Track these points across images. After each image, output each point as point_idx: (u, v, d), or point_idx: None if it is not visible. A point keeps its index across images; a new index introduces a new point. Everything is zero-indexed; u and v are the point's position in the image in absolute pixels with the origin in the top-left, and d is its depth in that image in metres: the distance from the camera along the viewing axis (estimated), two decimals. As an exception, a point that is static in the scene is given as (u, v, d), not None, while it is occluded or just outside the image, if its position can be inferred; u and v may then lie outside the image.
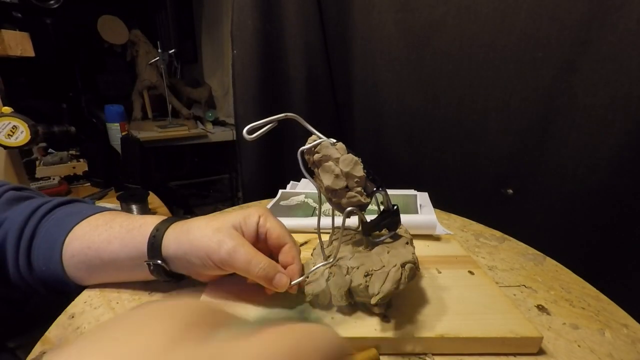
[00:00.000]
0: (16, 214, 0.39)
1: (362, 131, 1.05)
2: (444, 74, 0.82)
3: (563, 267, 0.48)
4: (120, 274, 0.39)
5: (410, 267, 0.33)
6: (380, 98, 0.96)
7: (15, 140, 0.83)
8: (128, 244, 0.36)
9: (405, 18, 0.85)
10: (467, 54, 0.77)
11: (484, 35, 0.74)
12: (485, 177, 0.81)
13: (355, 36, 0.97)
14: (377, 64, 0.94)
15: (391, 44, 0.89)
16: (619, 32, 0.58)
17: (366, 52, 0.95)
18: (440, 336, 0.31)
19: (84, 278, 0.39)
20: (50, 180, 1.25)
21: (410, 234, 0.39)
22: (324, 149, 0.32)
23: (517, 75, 0.71)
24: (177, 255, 0.35)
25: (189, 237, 0.34)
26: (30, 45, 0.83)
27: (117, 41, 2.01)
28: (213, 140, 2.06)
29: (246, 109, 1.04)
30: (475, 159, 0.82)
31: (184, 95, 2.29)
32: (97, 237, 0.37)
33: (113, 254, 0.37)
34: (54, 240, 0.38)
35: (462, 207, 0.66)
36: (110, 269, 0.38)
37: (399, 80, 0.90)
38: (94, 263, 0.37)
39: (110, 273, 0.39)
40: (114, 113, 1.75)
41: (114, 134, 1.74)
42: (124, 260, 0.37)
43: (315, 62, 1.05)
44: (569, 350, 0.32)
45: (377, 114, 0.98)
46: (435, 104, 0.86)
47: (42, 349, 0.32)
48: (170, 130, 1.90)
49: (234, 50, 1.00)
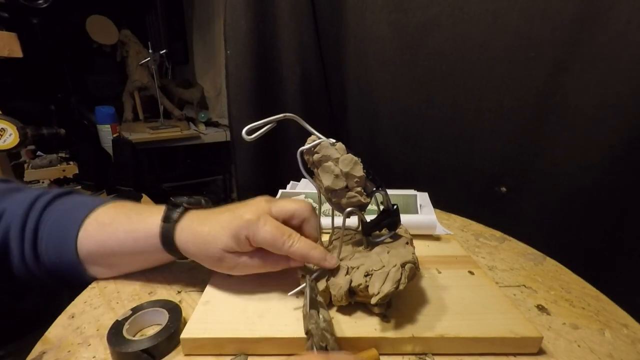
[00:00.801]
0: (15, 206, 0.39)
1: (357, 131, 1.05)
2: (438, 74, 0.82)
3: (563, 267, 0.48)
4: (143, 261, 0.41)
5: (410, 267, 0.33)
6: (374, 98, 0.96)
7: (3, 143, 0.82)
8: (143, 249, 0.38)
9: (398, 18, 0.85)
10: (461, 54, 0.77)
11: (477, 35, 0.74)
12: (479, 177, 0.82)
13: (348, 36, 0.96)
14: (370, 64, 0.94)
15: (385, 44, 0.89)
16: (609, 32, 0.58)
17: (360, 52, 0.95)
18: (440, 336, 0.31)
19: (103, 267, 0.40)
20: (40, 183, 1.24)
21: (410, 234, 0.39)
22: (324, 149, 0.32)
23: (510, 75, 0.72)
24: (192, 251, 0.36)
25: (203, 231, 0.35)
26: (18, 46, 0.83)
27: (106, 41, 1.94)
28: (206, 141, 2.05)
29: (240, 109, 1.03)
30: (470, 159, 0.82)
31: (176, 96, 2.26)
32: (107, 238, 0.38)
33: (130, 251, 0.38)
34: (65, 232, 0.38)
35: (457, 206, 0.66)
36: (129, 260, 0.40)
37: (393, 80, 0.91)
38: (111, 258, 0.39)
39: (130, 261, 0.41)
40: (105, 114, 1.73)
41: (105, 136, 1.72)
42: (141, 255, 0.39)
43: (309, 63, 1.04)
44: (569, 350, 0.33)
45: (372, 114, 0.98)
46: (430, 104, 0.86)
47: (42, 348, 0.32)
48: (162, 131, 1.88)
49: (228, 51, 0.99)
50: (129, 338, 0.30)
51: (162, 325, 0.32)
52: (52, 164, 1.32)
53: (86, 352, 0.31)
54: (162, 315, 0.33)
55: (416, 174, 0.93)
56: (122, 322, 0.32)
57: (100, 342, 0.32)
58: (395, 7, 0.85)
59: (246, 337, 0.30)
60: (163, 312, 0.33)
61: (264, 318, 0.33)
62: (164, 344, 0.30)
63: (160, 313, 0.33)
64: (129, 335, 0.31)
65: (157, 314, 0.34)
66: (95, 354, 0.31)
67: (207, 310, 0.34)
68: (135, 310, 0.33)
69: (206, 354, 0.31)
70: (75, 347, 0.32)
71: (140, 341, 0.30)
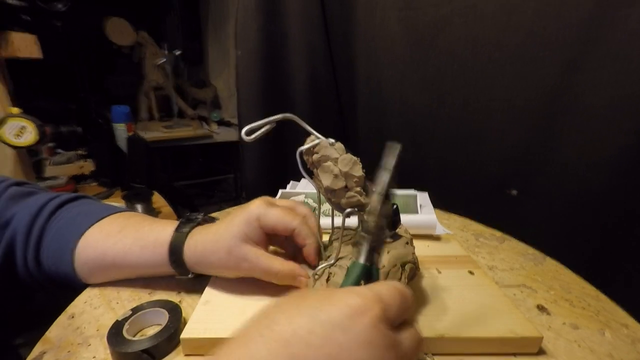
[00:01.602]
0: (24, 212, 0.40)
1: (366, 130, 1.04)
2: (449, 74, 0.81)
3: (563, 267, 0.47)
4: (140, 274, 0.41)
5: (410, 267, 0.33)
6: (383, 97, 0.95)
7: (23, 141, 0.85)
8: (148, 259, 0.38)
9: (409, 16, 0.84)
10: (472, 53, 0.76)
11: (489, 34, 0.73)
12: (489, 177, 0.81)
13: (358, 34, 0.95)
14: (380, 62, 0.93)
15: (395, 42, 0.88)
16: (622, 31, 0.57)
17: (370, 50, 0.94)
18: (440, 336, 0.31)
19: (98, 279, 0.41)
20: (58, 179, 1.28)
21: (410, 233, 0.39)
22: (323, 149, 0.32)
23: (522, 74, 0.70)
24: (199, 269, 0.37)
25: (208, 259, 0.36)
26: (39, 48, 0.86)
27: (124, 42, 2.03)
28: (218, 140, 2.08)
29: (249, 109, 1.04)
30: (479, 159, 0.81)
31: (190, 95, 2.31)
32: (111, 246, 0.38)
33: (132, 262, 0.38)
34: (65, 242, 0.39)
35: (465, 206, 0.65)
36: (128, 273, 0.40)
37: (403, 79, 0.90)
38: (110, 270, 0.39)
39: (128, 274, 0.41)
40: (120, 113, 1.76)
41: (121, 134, 1.76)
42: (143, 267, 0.39)
43: (318, 62, 1.04)
44: (569, 350, 0.32)
45: (381, 113, 0.97)
46: (440, 104, 0.85)
47: (42, 349, 0.32)
48: (175, 130, 1.93)
49: (238, 51, 1.00)
50: (129, 338, 0.30)
51: (162, 326, 0.32)
52: (70, 161, 1.36)
53: (86, 352, 0.31)
54: (162, 316, 0.33)
55: (425, 173, 0.92)
56: (122, 322, 0.32)
57: (100, 342, 0.32)
58: (406, 5, 0.84)
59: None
60: (163, 312, 0.33)
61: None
62: (164, 344, 0.31)
63: (160, 313, 0.34)
64: (129, 335, 0.31)
65: (157, 314, 0.34)
66: (95, 354, 0.31)
67: (207, 310, 0.34)
68: (135, 311, 0.33)
69: (206, 354, 0.31)
70: (75, 347, 0.32)
71: (140, 341, 0.30)
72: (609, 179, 0.62)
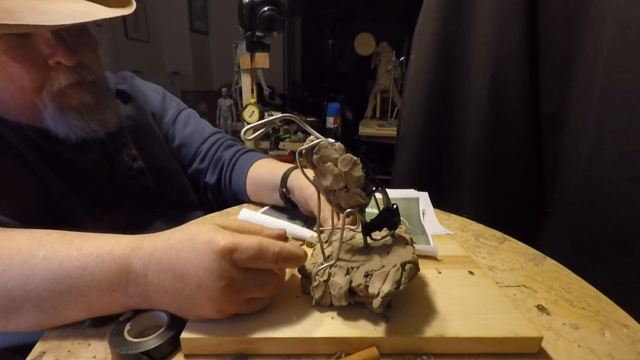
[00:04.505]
0: (229, 154, 0.72)
1: (574, 156, 0.75)
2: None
3: (563, 267, 0.48)
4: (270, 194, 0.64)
5: (410, 267, 0.33)
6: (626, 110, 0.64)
7: (253, 120, 1.43)
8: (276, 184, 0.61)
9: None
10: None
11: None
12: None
13: (591, 20, 0.68)
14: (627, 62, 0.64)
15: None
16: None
17: (604, 42, 0.66)
18: (440, 336, 0.31)
19: (254, 198, 0.68)
20: (284, 150, 2.31)
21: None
22: (323, 149, 0.32)
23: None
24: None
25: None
26: (267, 61, 1.38)
27: (364, 53, 2.56)
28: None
29: (411, 113, 1.00)
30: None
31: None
32: (262, 173, 0.66)
33: (265, 184, 0.64)
34: (242, 172, 0.68)
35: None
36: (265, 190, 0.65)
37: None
38: (260, 189, 0.66)
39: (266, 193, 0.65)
40: (332, 109, 2.23)
41: (328, 126, 2.22)
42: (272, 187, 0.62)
43: (509, 61, 0.84)
44: (569, 350, 0.32)
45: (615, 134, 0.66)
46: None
47: (42, 349, 0.32)
48: (386, 128, 2.12)
49: (411, 55, 0.97)
50: (130, 340, 0.30)
51: (163, 327, 0.32)
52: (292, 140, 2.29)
53: (86, 352, 0.31)
54: (163, 317, 0.33)
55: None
56: (123, 324, 0.32)
57: (100, 343, 0.32)
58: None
59: (246, 337, 0.30)
60: (164, 314, 0.33)
61: (264, 318, 0.33)
62: (165, 346, 0.30)
63: (162, 315, 0.33)
64: (130, 336, 0.31)
65: (158, 315, 0.34)
66: (96, 354, 0.31)
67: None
68: (136, 312, 0.33)
69: (206, 354, 0.31)
70: (75, 347, 0.32)
71: (141, 343, 0.30)
72: None
